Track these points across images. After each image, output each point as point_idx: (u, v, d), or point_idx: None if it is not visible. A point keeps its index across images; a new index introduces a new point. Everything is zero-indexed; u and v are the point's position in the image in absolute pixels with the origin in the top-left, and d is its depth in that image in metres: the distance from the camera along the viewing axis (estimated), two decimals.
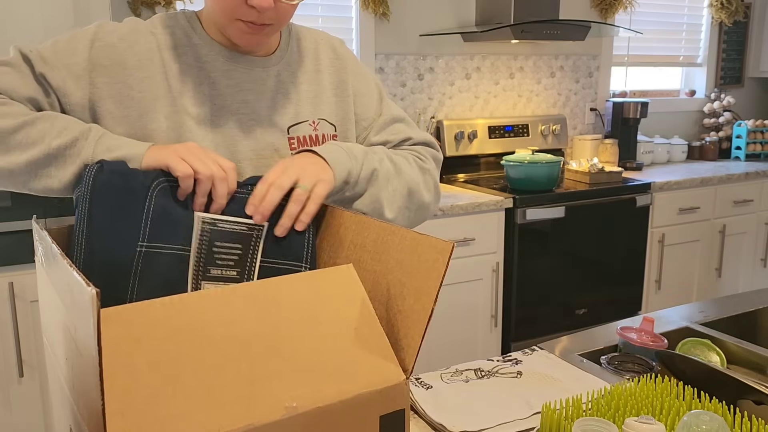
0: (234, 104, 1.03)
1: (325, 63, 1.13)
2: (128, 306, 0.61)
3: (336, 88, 1.13)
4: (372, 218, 0.83)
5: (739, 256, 3.46)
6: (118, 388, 0.56)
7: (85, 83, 0.97)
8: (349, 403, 0.63)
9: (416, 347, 0.68)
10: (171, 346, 0.60)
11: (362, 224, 0.84)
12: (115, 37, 1.00)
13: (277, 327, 0.65)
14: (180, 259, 0.86)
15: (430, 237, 0.71)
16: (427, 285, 0.69)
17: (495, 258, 2.66)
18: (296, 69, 1.09)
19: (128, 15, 2.46)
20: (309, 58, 1.12)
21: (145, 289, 0.83)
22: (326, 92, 1.12)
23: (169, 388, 0.58)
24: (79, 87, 0.97)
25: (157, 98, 0.98)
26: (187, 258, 0.87)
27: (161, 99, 0.99)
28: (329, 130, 1.11)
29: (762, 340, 1.41)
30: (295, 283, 0.70)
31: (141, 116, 0.98)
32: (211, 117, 1.01)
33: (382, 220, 0.82)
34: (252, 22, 0.96)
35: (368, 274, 0.78)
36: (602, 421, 0.77)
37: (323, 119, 1.10)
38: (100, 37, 0.99)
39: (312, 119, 1.09)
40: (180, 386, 0.58)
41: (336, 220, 0.92)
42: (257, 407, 0.59)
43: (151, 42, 1.01)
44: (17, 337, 1.95)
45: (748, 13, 4.03)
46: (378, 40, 2.97)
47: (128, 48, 0.99)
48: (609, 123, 3.61)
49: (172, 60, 1.00)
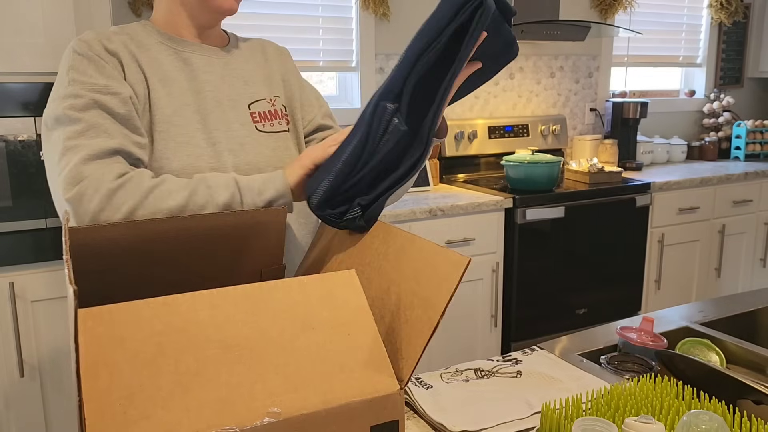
0: (197, 86, 1.14)
1: (271, 55, 1.29)
2: (116, 305, 0.60)
3: (284, 74, 1.29)
4: (398, 228, 0.83)
5: (738, 256, 3.46)
6: (97, 387, 0.56)
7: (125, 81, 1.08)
8: (337, 411, 0.62)
9: (416, 358, 0.67)
10: (153, 347, 0.59)
11: (389, 233, 0.84)
12: (95, 47, 1.08)
13: (265, 331, 0.64)
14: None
15: (447, 250, 0.71)
16: (437, 297, 0.68)
17: (495, 258, 2.66)
18: (247, 57, 1.24)
19: (128, 15, 2.46)
20: (257, 50, 1.28)
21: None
22: (275, 76, 1.27)
23: (147, 390, 0.57)
24: (126, 85, 1.06)
25: (141, 82, 1.09)
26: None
27: (141, 83, 1.09)
28: (282, 108, 1.25)
29: (761, 340, 1.42)
30: (291, 287, 0.69)
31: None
32: (191, 97, 1.12)
33: (407, 231, 0.82)
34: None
35: (384, 282, 0.78)
36: (602, 420, 0.77)
37: (277, 96, 1.25)
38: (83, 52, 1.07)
39: (268, 97, 1.23)
40: (158, 388, 0.58)
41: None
42: (237, 411, 0.59)
43: (118, 41, 1.10)
44: (17, 337, 1.95)
45: (747, 14, 4.03)
46: (378, 40, 2.97)
47: (104, 51, 1.08)
48: (609, 123, 3.61)
49: (139, 52, 1.11)
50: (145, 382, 0.58)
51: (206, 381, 0.60)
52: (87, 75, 1.04)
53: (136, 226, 0.82)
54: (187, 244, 0.86)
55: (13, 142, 1.86)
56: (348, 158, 0.92)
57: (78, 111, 1.00)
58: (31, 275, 1.96)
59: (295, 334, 0.66)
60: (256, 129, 1.18)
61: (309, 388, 0.62)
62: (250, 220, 0.89)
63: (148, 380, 0.58)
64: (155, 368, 0.59)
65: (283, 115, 1.24)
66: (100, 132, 1.00)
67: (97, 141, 0.99)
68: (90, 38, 1.08)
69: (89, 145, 0.98)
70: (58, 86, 1.05)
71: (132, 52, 1.10)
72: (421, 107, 0.89)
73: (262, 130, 1.19)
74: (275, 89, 1.25)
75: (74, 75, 1.04)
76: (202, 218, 0.87)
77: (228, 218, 0.88)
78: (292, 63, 1.33)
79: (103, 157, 0.98)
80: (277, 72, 1.27)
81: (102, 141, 0.99)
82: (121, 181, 0.96)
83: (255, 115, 1.19)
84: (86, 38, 1.08)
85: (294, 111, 1.27)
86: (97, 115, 1.01)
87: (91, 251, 0.79)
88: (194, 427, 0.57)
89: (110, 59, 1.07)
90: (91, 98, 1.01)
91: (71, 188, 0.95)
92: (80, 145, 0.98)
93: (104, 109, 1.01)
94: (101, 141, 0.99)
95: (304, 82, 1.34)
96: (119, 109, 1.03)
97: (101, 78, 1.04)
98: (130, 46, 1.10)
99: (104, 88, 1.03)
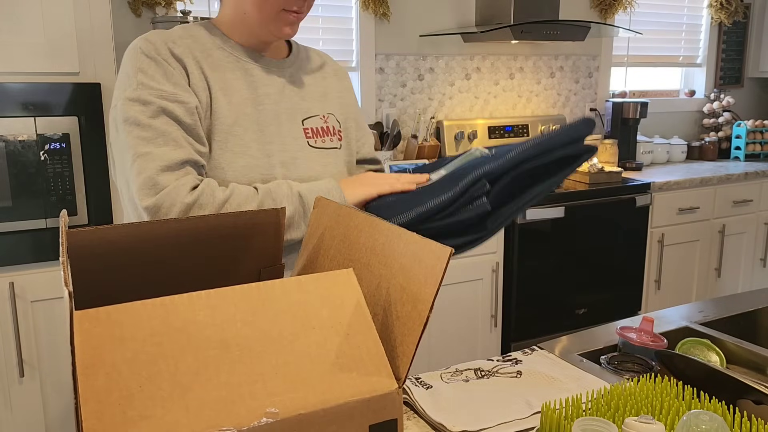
0: (257, 98, 1.16)
1: (329, 71, 1.31)
2: (114, 307, 0.60)
3: (341, 92, 1.31)
4: (383, 221, 0.83)
5: (738, 256, 3.46)
6: (95, 388, 0.55)
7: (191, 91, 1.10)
8: (335, 411, 0.62)
9: (410, 355, 0.66)
10: (152, 348, 0.59)
11: (374, 227, 0.84)
12: (161, 50, 1.10)
13: (265, 331, 0.64)
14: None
15: (430, 242, 0.70)
16: (424, 291, 0.68)
17: (495, 258, 2.66)
18: (306, 72, 1.26)
19: (128, 15, 2.46)
20: (315, 65, 1.29)
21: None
22: (333, 94, 1.29)
23: (145, 390, 0.57)
24: (192, 94, 1.09)
25: (204, 90, 1.11)
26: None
27: (204, 90, 1.11)
28: (337, 125, 1.27)
29: (761, 340, 1.42)
30: (291, 287, 0.69)
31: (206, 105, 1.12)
32: (250, 107, 1.15)
33: (392, 224, 0.82)
34: (296, 12, 1.13)
35: (374, 278, 0.78)
36: (602, 420, 0.77)
37: (331, 114, 1.26)
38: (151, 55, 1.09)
39: (322, 114, 1.24)
40: (156, 388, 0.58)
41: (352, 221, 0.92)
42: (236, 411, 0.59)
43: (183, 45, 1.12)
44: (17, 337, 1.95)
45: (747, 14, 4.03)
46: (378, 40, 2.97)
47: (170, 55, 1.10)
48: (609, 123, 3.61)
49: (203, 58, 1.12)
50: (145, 382, 0.58)
51: (206, 381, 0.60)
52: (155, 80, 1.06)
53: (136, 228, 0.82)
54: (187, 245, 0.86)
55: (13, 142, 1.86)
56: (432, 207, 1.01)
57: (148, 117, 1.05)
58: (31, 275, 1.96)
59: (294, 334, 0.65)
60: (308, 144, 1.20)
61: (308, 388, 0.62)
62: (249, 221, 0.89)
63: (148, 380, 0.58)
64: (155, 368, 0.59)
65: (335, 131, 1.26)
66: (169, 140, 1.05)
67: (166, 150, 1.04)
68: (156, 40, 1.10)
69: (160, 155, 1.03)
70: (125, 86, 1.08)
71: (196, 58, 1.12)
72: (502, 198, 1.01)
73: (313, 145, 1.21)
74: (329, 106, 1.27)
75: (143, 78, 1.07)
76: (202, 219, 0.87)
77: (227, 219, 0.88)
78: (349, 82, 1.35)
79: (175, 168, 1.04)
80: (334, 89, 1.29)
81: (172, 151, 1.04)
82: (195, 195, 1.03)
83: (308, 130, 1.21)
84: (152, 39, 1.09)
85: (349, 130, 1.30)
86: (165, 123, 1.05)
87: (90, 252, 0.79)
88: (193, 427, 0.57)
89: (176, 65, 1.09)
90: (159, 105, 1.05)
91: (147, 198, 1.02)
92: (152, 153, 1.03)
93: (172, 117, 1.06)
94: (171, 151, 1.04)
95: (358, 107, 1.37)
96: (186, 119, 1.07)
97: (169, 85, 1.07)
98: (194, 52, 1.12)
99: (172, 96, 1.06)
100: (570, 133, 1.00)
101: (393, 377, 0.67)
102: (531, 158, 0.98)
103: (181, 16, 2.30)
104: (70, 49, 1.92)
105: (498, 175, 0.99)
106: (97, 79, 1.96)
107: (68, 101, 1.92)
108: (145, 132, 1.04)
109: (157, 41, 1.10)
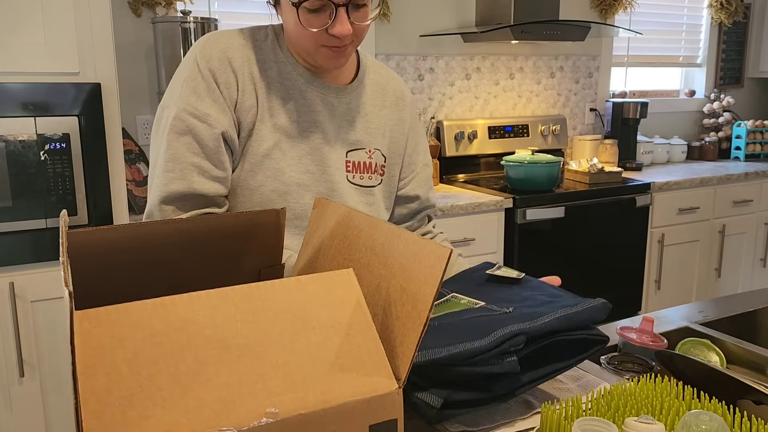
0: (305, 123, 1.15)
1: (390, 101, 1.27)
2: (114, 307, 0.60)
3: (394, 125, 1.27)
4: (383, 221, 0.83)
5: (738, 256, 3.46)
6: (95, 388, 0.55)
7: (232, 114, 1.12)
8: (335, 411, 0.62)
9: (410, 356, 0.66)
10: (152, 348, 0.59)
11: (374, 227, 0.84)
12: (215, 62, 1.10)
13: (265, 331, 0.64)
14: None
15: (430, 242, 0.70)
16: (424, 291, 0.68)
17: (495, 258, 2.66)
18: (364, 102, 1.22)
19: (128, 15, 2.46)
20: (377, 94, 1.25)
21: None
22: (385, 127, 1.25)
23: (145, 390, 0.57)
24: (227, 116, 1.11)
25: (251, 108, 1.12)
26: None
27: (252, 109, 1.12)
28: (381, 160, 1.24)
29: (761, 340, 1.42)
30: (291, 287, 0.69)
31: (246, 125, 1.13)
32: (296, 131, 1.14)
33: (392, 224, 0.81)
34: (336, 47, 1.08)
35: (374, 278, 0.78)
36: (602, 421, 0.77)
37: (378, 149, 1.24)
38: (204, 69, 1.10)
39: (369, 148, 1.22)
40: (156, 388, 0.58)
41: (352, 221, 0.92)
42: (236, 411, 0.59)
43: (242, 57, 1.12)
44: (17, 337, 1.95)
45: (747, 14, 4.03)
46: (378, 40, 2.97)
47: (227, 67, 1.10)
48: (609, 123, 3.61)
49: (259, 73, 1.12)
50: (145, 382, 0.58)
51: (206, 381, 0.60)
52: (196, 95, 1.08)
53: (136, 228, 0.82)
54: (187, 245, 0.86)
55: (13, 142, 1.86)
56: (459, 353, 0.88)
57: (175, 134, 1.08)
58: (31, 275, 1.96)
59: (294, 334, 0.65)
60: (347, 179, 1.19)
61: (308, 388, 0.62)
62: (249, 222, 0.89)
63: (148, 380, 0.58)
64: (155, 368, 0.58)
65: (377, 168, 1.23)
66: (177, 169, 1.08)
67: (171, 177, 1.08)
68: (214, 50, 1.10)
69: (166, 187, 1.08)
70: (173, 91, 1.11)
71: (252, 73, 1.12)
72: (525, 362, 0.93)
73: (351, 180, 1.20)
74: (377, 141, 1.24)
75: (186, 91, 1.09)
76: (202, 220, 0.87)
77: (227, 219, 0.88)
78: (411, 111, 1.30)
79: (172, 202, 1.08)
80: (389, 122, 1.26)
81: (175, 180, 1.08)
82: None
83: (349, 164, 1.20)
84: (210, 49, 1.10)
85: (392, 166, 1.27)
86: (185, 146, 1.08)
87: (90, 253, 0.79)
88: (193, 427, 0.57)
89: (228, 79, 1.09)
90: (187, 125, 1.07)
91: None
92: (163, 181, 1.08)
93: (196, 139, 1.08)
94: (173, 180, 1.08)
95: (420, 137, 1.32)
96: (209, 142, 1.08)
97: (205, 104, 1.08)
98: (252, 66, 1.12)
99: (203, 116, 1.08)
100: (592, 314, 1.00)
101: (393, 377, 0.66)
102: (557, 331, 0.95)
103: (181, 17, 2.30)
104: (70, 49, 1.92)
105: (529, 337, 0.91)
106: (97, 79, 1.96)
107: (68, 101, 1.92)
108: (168, 150, 1.09)
109: (214, 51, 1.10)
